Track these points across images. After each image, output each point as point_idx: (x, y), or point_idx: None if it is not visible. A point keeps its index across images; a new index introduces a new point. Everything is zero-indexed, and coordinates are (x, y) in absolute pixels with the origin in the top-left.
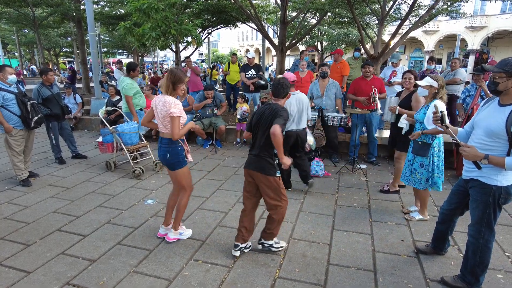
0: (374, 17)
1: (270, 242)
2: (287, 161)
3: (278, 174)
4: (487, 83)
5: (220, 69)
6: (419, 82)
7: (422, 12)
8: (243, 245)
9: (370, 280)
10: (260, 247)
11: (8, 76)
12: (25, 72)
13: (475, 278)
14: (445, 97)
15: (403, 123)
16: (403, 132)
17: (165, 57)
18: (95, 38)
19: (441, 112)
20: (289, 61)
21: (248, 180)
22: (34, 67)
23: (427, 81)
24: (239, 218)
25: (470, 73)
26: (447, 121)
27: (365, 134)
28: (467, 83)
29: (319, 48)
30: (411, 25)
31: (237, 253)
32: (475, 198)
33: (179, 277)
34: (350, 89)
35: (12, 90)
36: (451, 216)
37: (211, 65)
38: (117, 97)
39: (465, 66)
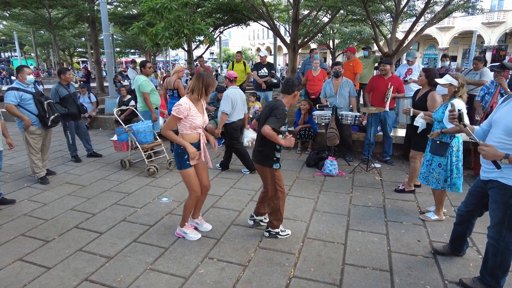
0: (388, 14)
1: (276, 230)
2: (286, 142)
3: (275, 166)
4: (507, 81)
5: (225, 70)
6: (438, 80)
7: (438, 8)
8: (257, 218)
9: (386, 281)
10: (267, 234)
11: (26, 76)
12: (41, 73)
13: (496, 280)
14: (465, 96)
15: (419, 121)
16: (418, 130)
17: (177, 56)
18: (109, 38)
19: (458, 110)
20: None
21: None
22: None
23: (446, 79)
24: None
25: None
26: (465, 119)
27: (380, 133)
28: None
29: (331, 46)
30: (426, 22)
31: (251, 222)
32: (495, 200)
33: (195, 275)
34: (368, 87)
35: (30, 90)
36: (469, 218)
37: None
38: (128, 97)
39: None
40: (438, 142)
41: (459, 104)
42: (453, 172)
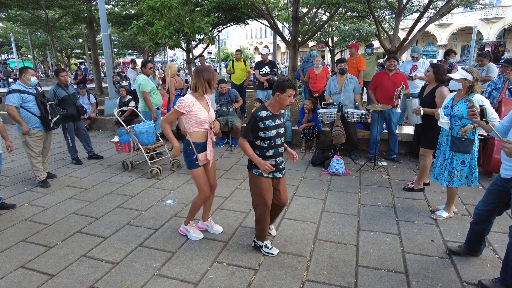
0: (389, 11)
1: (260, 243)
2: (260, 164)
3: (255, 172)
4: None
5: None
6: (452, 75)
7: (440, 3)
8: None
9: (403, 283)
10: (253, 244)
11: (30, 77)
12: (40, 74)
13: None
14: (479, 91)
15: (444, 122)
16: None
17: (174, 56)
18: (108, 38)
19: (480, 106)
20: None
21: None
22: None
23: (461, 74)
24: None
25: None
26: (487, 116)
27: (386, 130)
28: None
29: (330, 44)
30: (429, 18)
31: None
32: None
33: (204, 280)
34: (371, 84)
35: (32, 92)
36: (488, 217)
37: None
38: (129, 97)
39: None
40: (463, 139)
41: (480, 98)
42: (476, 167)
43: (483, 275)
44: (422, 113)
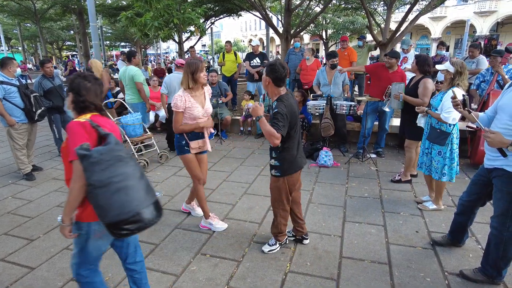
0: (382, 2)
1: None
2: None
3: (275, 173)
4: (505, 67)
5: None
6: (438, 66)
7: None
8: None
9: (385, 274)
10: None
11: (16, 69)
12: (29, 66)
13: (498, 271)
14: (463, 84)
15: (421, 122)
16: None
17: (168, 49)
18: (96, 29)
19: (463, 95)
20: None
21: None
22: None
23: (445, 65)
24: None
25: None
26: (469, 105)
27: (377, 122)
28: None
29: (324, 37)
30: (420, 10)
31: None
32: (499, 189)
33: (187, 272)
34: (370, 67)
35: (14, 83)
36: (472, 208)
37: None
38: (117, 89)
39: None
40: (438, 130)
41: (458, 91)
42: (453, 160)
43: (465, 265)
44: (401, 99)
